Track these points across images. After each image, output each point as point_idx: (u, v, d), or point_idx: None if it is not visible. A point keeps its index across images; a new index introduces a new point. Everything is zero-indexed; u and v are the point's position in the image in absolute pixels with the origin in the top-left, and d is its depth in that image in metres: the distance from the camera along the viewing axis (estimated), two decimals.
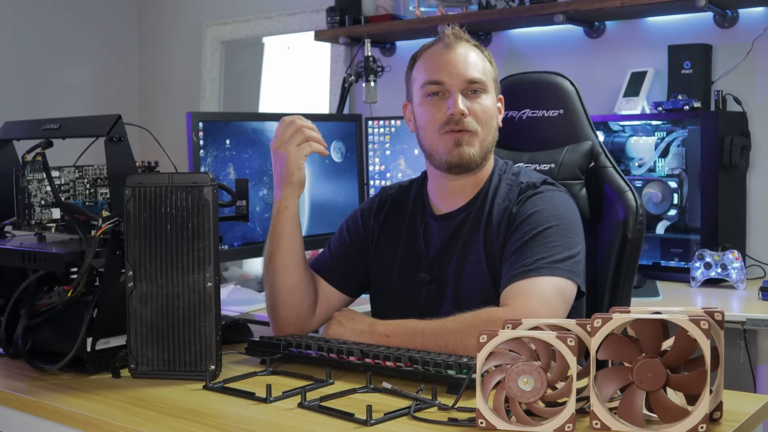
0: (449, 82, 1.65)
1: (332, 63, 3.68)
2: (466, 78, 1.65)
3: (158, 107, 4.35)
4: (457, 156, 1.64)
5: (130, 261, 1.45)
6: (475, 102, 1.65)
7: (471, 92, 1.65)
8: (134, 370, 1.47)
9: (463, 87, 1.65)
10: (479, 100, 1.66)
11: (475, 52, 1.69)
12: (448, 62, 1.66)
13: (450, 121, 1.64)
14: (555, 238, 1.56)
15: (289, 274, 1.70)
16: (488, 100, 1.67)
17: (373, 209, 1.81)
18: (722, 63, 2.77)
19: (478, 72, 1.66)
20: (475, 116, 1.65)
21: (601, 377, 1.16)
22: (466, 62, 1.66)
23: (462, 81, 1.65)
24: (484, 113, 1.66)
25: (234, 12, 4.01)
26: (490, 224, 1.66)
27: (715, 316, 1.17)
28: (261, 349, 1.58)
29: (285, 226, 1.69)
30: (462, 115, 1.63)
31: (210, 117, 2.68)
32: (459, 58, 1.66)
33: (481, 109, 1.65)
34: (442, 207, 1.74)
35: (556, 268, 1.53)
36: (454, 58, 1.66)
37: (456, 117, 1.63)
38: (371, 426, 1.20)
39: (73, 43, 4.18)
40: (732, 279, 2.45)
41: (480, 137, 1.65)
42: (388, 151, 2.96)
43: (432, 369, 1.36)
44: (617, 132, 2.75)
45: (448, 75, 1.65)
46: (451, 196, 1.72)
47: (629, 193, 1.80)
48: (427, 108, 1.67)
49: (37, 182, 1.67)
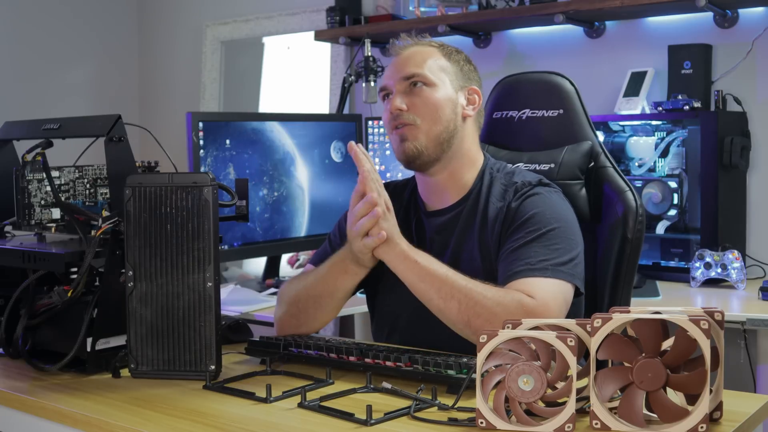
0: (390, 85, 1.70)
1: (332, 63, 3.68)
2: (401, 76, 1.69)
3: (158, 107, 4.34)
4: (401, 152, 1.68)
5: (130, 261, 1.45)
6: (414, 96, 1.68)
7: (411, 86, 1.68)
8: (134, 370, 1.47)
9: (401, 85, 1.69)
10: (419, 93, 1.68)
11: (421, 49, 1.72)
12: (391, 67, 1.72)
13: (392, 118, 1.68)
14: (557, 241, 1.57)
15: (327, 317, 1.72)
16: (434, 92, 1.68)
17: None
18: (722, 63, 2.77)
19: (415, 67, 1.69)
20: (414, 109, 1.67)
21: (601, 377, 1.16)
22: (405, 62, 1.70)
23: (398, 79, 1.69)
24: (424, 105, 1.67)
25: (234, 12, 4.01)
26: (486, 223, 1.66)
27: (715, 316, 1.17)
28: (261, 349, 1.58)
29: (349, 285, 1.67)
30: (399, 110, 1.66)
31: (210, 117, 2.68)
32: (399, 60, 1.71)
33: (420, 101, 1.67)
34: (432, 204, 1.75)
35: (558, 271, 1.53)
36: (395, 62, 1.72)
37: (393, 113, 1.67)
38: (371, 426, 1.20)
39: (73, 43, 4.18)
40: (732, 279, 2.44)
41: (423, 129, 1.66)
42: (388, 151, 2.96)
43: (432, 369, 1.36)
44: (617, 132, 2.75)
45: (390, 78, 1.71)
46: (436, 194, 1.73)
47: (629, 193, 1.80)
48: (383, 113, 1.73)
49: (37, 182, 1.67)
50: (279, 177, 2.67)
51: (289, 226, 2.71)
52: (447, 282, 1.52)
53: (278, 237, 2.68)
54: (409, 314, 1.69)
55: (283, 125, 2.68)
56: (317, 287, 1.68)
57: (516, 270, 1.54)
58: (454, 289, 1.51)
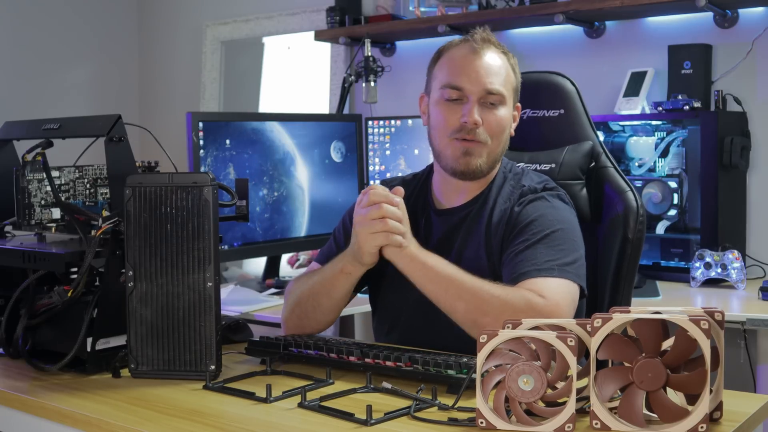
0: (469, 89, 1.64)
1: (332, 63, 3.68)
2: (486, 88, 1.64)
3: (158, 107, 4.34)
4: (464, 164, 1.65)
5: (130, 261, 1.45)
6: (490, 113, 1.65)
7: (489, 103, 1.65)
8: (134, 370, 1.47)
9: (481, 96, 1.64)
10: (495, 111, 1.65)
11: (501, 61, 1.68)
12: (471, 69, 1.65)
13: (462, 129, 1.64)
14: (561, 242, 1.57)
15: (326, 318, 1.71)
16: (504, 111, 1.67)
17: None
18: (722, 63, 2.77)
19: (499, 83, 1.65)
20: (488, 128, 1.65)
21: (601, 377, 1.16)
22: (488, 72, 1.65)
23: (481, 90, 1.64)
24: (497, 125, 1.66)
25: (234, 12, 4.01)
26: (491, 223, 1.67)
27: (715, 316, 1.17)
28: (261, 349, 1.58)
29: (345, 285, 1.66)
30: (475, 125, 1.63)
31: (210, 117, 2.68)
32: (483, 66, 1.65)
33: (495, 121, 1.65)
34: (445, 202, 1.75)
35: (565, 271, 1.54)
36: (477, 65, 1.65)
37: (469, 126, 1.63)
38: (371, 426, 1.20)
39: (73, 43, 4.18)
40: (732, 279, 2.44)
41: (489, 148, 1.66)
42: (388, 151, 2.96)
43: (432, 369, 1.36)
44: (617, 132, 2.75)
45: (469, 82, 1.64)
46: (455, 194, 1.73)
47: (629, 193, 1.80)
48: (442, 110, 1.67)
49: (37, 182, 1.67)
50: (279, 177, 2.67)
51: (289, 226, 2.71)
52: (454, 282, 1.52)
53: (278, 237, 2.68)
54: (411, 312, 1.69)
55: (283, 125, 2.68)
56: (315, 288, 1.68)
57: (523, 271, 1.54)
58: (462, 289, 1.51)
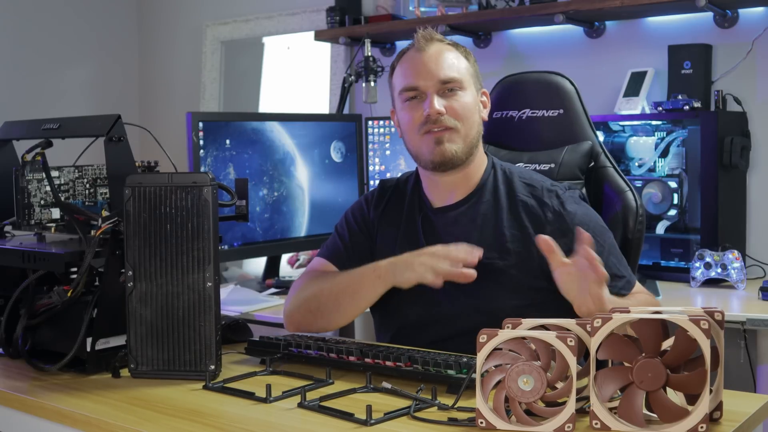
0: (424, 85, 1.68)
1: (332, 63, 3.68)
2: (439, 79, 1.67)
3: (158, 107, 4.34)
4: (439, 154, 1.67)
5: (129, 261, 1.45)
6: (452, 100, 1.68)
7: (447, 91, 1.68)
8: (134, 370, 1.47)
9: (437, 88, 1.67)
10: (456, 97, 1.68)
11: (449, 51, 1.71)
12: (422, 66, 1.69)
13: (428, 120, 1.67)
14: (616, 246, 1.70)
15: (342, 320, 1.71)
16: (467, 96, 1.70)
17: (373, 201, 1.83)
18: (722, 63, 2.77)
19: (452, 71, 1.68)
20: (453, 113, 1.67)
21: (601, 377, 1.16)
22: (438, 63, 1.68)
23: (436, 82, 1.67)
24: (462, 109, 1.68)
25: (234, 12, 4.01)
26: (500, 218, 1.68)
27: (715, 316, 1.17)
28: (261, 349, 1.58)
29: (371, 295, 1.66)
30: (438, 114, 1.66)
31: (210, 117, 2.68)
32: (431, 60, 1.69)
33: (459, 105, 1.68)
34: (439, 201, 1.75)
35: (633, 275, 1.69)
36: (426, 61, 1.69)
37: (433, 117, 1.66)
38: (371, 426, 1.20)
39: (73, 43, 4.18)
40: (732, 279, 2.44)
41: (462, 133, 1.68)
42: (388, 151, 2.96)
43: (432, 369, 1.36)
44: (617, 132, 2.75)
45: (422, 78, 1.68)
46: (445, 191, 1.74)
47: (629, 193, 1.80)
48: (407, 112, 1.70)
49: (36, 182, 1.67)
50: (279, 177, 2.67)
51: (289, 226, 2.71)
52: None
53: (278, 237, 2.68)
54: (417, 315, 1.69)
55: (283, 125, 2.68)
56: (341, 286, 1.68)
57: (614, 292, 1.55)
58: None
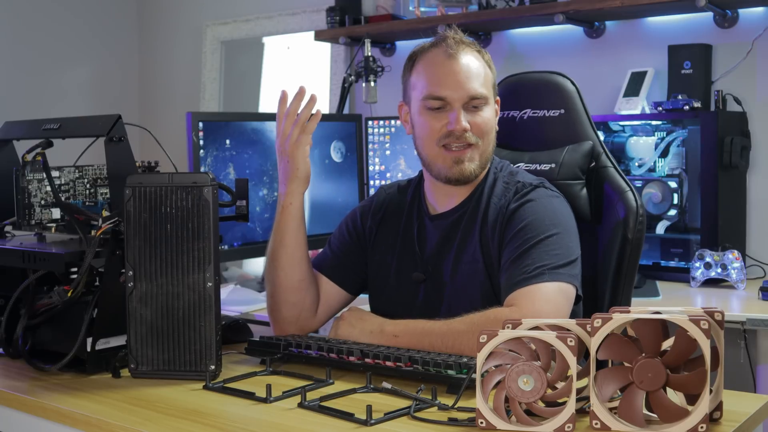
0: (451, 97, 1.63)
1: (332, 63, 3.68)
2: (469, 94, 1.63)
3: (158, 107, 4.34)
4: (458, 173, 1.65)
5: (130, 261, 1.45)
6: (476, 116, 1.65)
7: (472, 107, 1.65)
8: (134, 370, 1.47)
9: (464, 102, 1.64)
10: (480, 113, 1.65)
11: (477, 61, 1.67)
12: (451, 75, 1.63)
13: (450, 135, 1.63)
14: (555, 247, 1.57)
15: (292, 272, 1.70)
16: (489, 111, 1.67)
17: (371, 209, 1.81)
18: (722, 63, 2.77)
19: (480, 85, 1.65)
20: (477, 130, 1.64)
21: (601, 377, 1.16)
22: (468, 76, 1.64)
23: (464, 96, 1.63)
24: (485, 125, 1.66)
25: (234, 12, 4.01)
26: (486, 223, 1.66)
27: (715, 316, 1.17)
28: (261, 349, 1.58)
29: (289, 222, 1.70)
30: (463, 131, 1.63)
31: (210, 117, 2.68)
32: (461, 70, 1.64)
33: (482, 121, 1.65)
34: (438, 207, 1.74)
35: (557, 274, 1.53)
36: (456, 71, 1.63)
37: (457, 133, 1.63)
38: (371, 426, 1.20)
39: (73, 43, 4.18)
40: (732, 279, 2.44)
41: (480, 149, 1.66)
42: (388, 151, 2.96)
43: (432, 369, 1.36)
44: (617, 132, 2.75)
45: (450, 90, 1.63)
46: (447, 198, 1.73)
47: (629, 193, 1.80)
48: (427, 119, 1.66)
49: (37, 182, 1.67)
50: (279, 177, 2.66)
51: None
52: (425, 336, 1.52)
53: None
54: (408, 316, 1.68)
55: None
56: (270, 247, 1.72)
57: (515, 281, 1.54)
58: (433, 338, 1.51)
